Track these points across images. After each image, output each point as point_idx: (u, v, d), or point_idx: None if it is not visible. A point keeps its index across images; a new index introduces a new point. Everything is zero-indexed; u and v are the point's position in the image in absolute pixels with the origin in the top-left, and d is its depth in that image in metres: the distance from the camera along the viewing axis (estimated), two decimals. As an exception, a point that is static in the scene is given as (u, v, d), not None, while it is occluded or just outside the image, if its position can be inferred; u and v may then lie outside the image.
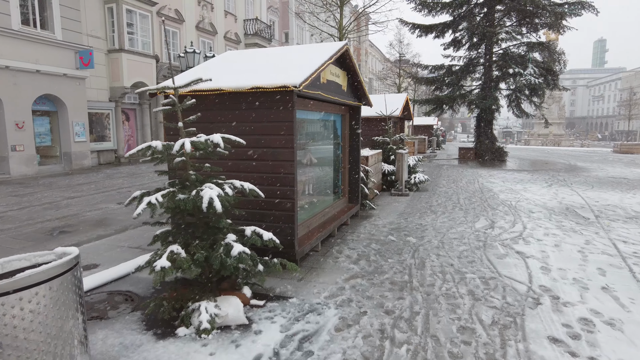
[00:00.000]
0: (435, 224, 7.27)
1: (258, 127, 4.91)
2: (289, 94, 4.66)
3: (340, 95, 6.55)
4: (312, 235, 5.68)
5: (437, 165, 19.24)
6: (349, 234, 6.64)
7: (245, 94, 4.85)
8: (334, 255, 5.58)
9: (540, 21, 20.72)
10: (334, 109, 7.08)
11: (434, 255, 5.51)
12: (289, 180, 4.84)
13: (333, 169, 7.87)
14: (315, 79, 5.40)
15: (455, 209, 8.70)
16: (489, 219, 7.70)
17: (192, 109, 5.23)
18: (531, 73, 18.51)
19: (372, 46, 60.18)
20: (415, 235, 6.55)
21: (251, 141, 4.96)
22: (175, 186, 3.96)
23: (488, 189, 11.55)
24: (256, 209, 5.05)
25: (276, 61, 5.80)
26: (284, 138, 4.79)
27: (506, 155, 22.27)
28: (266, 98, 4.80)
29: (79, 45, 16.60)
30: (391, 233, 6.67)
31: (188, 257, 3.67)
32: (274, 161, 4.89)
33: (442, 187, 11.88)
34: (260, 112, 4.87)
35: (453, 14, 22.15)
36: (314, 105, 6.01)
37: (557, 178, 14.26)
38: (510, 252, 5.63)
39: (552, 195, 10.43)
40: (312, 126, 7.22)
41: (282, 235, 4.95)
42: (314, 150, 7.31)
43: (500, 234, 6.57)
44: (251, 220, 5.08)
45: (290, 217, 4.90)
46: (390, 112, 12.10)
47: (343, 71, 6.68)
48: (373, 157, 9.80)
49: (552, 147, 46.04)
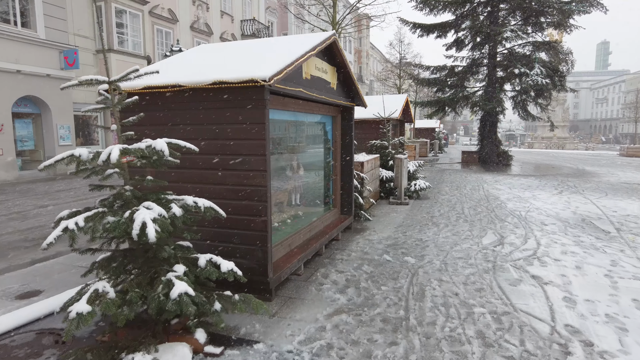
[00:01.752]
0: (437, 240, 6.44)
1: (224, 130, 4.10)
2: (259, 90, 3.85)
3: (328, 94, 5.74)
4: (292, 257, 4.85)
5: (439, 170, 18.39)
6: (339, 253, 5.82)
7: (208, 90, 4.04)
8: (318, 280, 4.75)
9: (547, 20, 19.89)
10: (323, 110, 6.27)
11: (435, 280, 4.68)
12: (260, 193, 4.02)
13: (323, 177, 7.06)
14: (295, 73, 4.59)
15: (459, 220, 7.86)
16: (498, 233, 6.85)
17: (149, 108, 4.44)
18: (538, 73, 17.65)
19: (373, 48, 59.46)
20: (414, 254, 5.71)
21: (216, 147, 4.16)
22: (108, 206, 3.15)
23: (494, 196, 10.71)
24: (222, 228, 4.23)
25: (253, 53, 4.99)
26: (255, 143, 3.97)
27: (511, 159, 21.41)
28: (232, 95, 3.99)
29: (64, 45, 15.86)
30: (387, 251, 5.84)
31: (119, 297, 2.85)
32: (242, 171, 4.07)
33: (444, 195, 11.04)
34: (226, 112, 4.06)
35: (455, 12, 21.33)
36: (296, 105, 5.20)
37: (567, 184, 13.40)
38: (524, 277, 4.79)
39: (564, 204, 9.58)
40: (297, 129, 6.42)
41: (253, 260, 4.13)
42: (300, 156, 6.51)
43: (512, 253, 5.73)
44: (217, 242, 4.27)
45: (262, 237, 4.08)
46: (389, 114, 11.29)
47: (332, 67, 5.88)
48: (369, 163, 8.99)
49: (557, 150, 45.13)
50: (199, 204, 3.40)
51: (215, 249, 4.28)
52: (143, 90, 4.25)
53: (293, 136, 6.54)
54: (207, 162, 4.22)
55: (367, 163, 8.78)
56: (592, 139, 78.33)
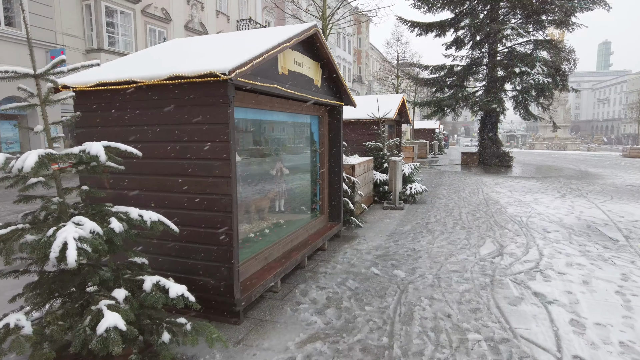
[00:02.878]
0: (431, 250, 5.94)
1: (184, 131, 3.62)
2: (221, 85, 3.37)
3: (311, 92, 5.26)
4: (268, 272, 4.37)
5: (438, 172, 17.90)
6: (323, 265, 5.33)
7: (165, 86, 3.56)
8: (295, 298, 4.26)
9: (548, 18, 19.40)
10: (307, 109, 5.80)
11: (426, 299, 4.18)
12: (224, 203, 3.54)
13: (310, 181, 6.58)
14: (268, 67, 4.11)
15: (456, 227, 7.36)
16: (497, 241, 6.36)
17: (104, 107, 3.97)
18: (539, 72, 17.14)
19: (372, 48, 59.01)
20: (405, 266, 5.22)
21: (177, 151, 3.68)
22: (32, 222, 2.67)
23: (494, 200, 10.21)
24: (184, 243, 3.74)
25: (226, 45, 4.51)
26: (217, 146, 3.49)
27: (512, 160, 20.88)
28: (193, 92, 3.51)
29: (51, 44, 15.42)
30: (375, 263, 5.34)
31: (36, 332, 2.37)
32: (204, 177, 3.59)
33: (442, 199, 10.54)
34: (186, 110, 3.58)
35: (454, 11, 20.85)
36: (273, 103, 4.72)
37: (570, 187, 12.90)
38: (526, 294, 4.29)
39: (567, 209, 9.08)
40: (279, 130, 5.94)
41: (217, 279, 3.65)
42: (284, 160, 6.04)
43: (512, 265, 5.23)
44: (178, 258, 3.79)
45: (227, 254, 3.59)
46: (384, 115, 10.80)
47: (315, 62, 5.39)
48: (361, 166, 8.50)
49: (558, 151, 44.61)
50: (144, 217, 2.93)
51: (177, 266, 3.81)
52: (95, 87, 3.78)
53: (275, 138, 6.07)
54: (167, 167, 3.74)
55: (359, 166, 8.29)
56: (594, 140, 77.69)
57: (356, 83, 51.33)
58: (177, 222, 3.73)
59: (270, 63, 4.15)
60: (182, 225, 3.71)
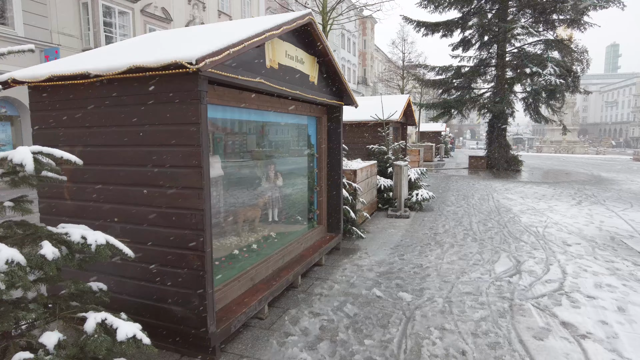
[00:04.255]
0: (440, 266, 5.33)
1: (149, 133, 3.05)
2: (190, 78, 2.80)
3: (307, 90, 4.68)
4: (253, 295, 3.78)
5: (444, 176, 17.25)
6: (319, 284, 4.73)
7: (126, 80, 3.00)
8: (284, 327, 3.67)
9: (559, 17, 18.74)
10: (303, 109, 5.22)
11: (436, 330, 3.58)
12: (194, 220, 2.96)
13: (307, 188, 6.00)
14: (251, 58, 3.54)
15: (466, 238, 6.74)
16: (513, 256, 5.74)
17: (60, 106, 3.41)
18: (551, 73, 16.47)
19: (377, 50, 58.44)
20: (412, 287, 4.61)
21: (141, 156, 3.11)
22: None
23: (506, 208, 9.56)
24: (151, 264, 3.17)
25: (206, 34, 3.94)
26: (186, 151, 2.92)
27: (521, 164, 20.19)
28: (158, 86, 2.94)
29: (45, 43, 14.97)
30: (378, 283, 4.74)
31: None
32: (172, 188, 3.02)
33: (450, 206, 9.92)
34: (151, 109, 3.01)
35: (462, 10, 20.24)
36: (260, 101, 4.14)
37: (585, 193, 12.22)
38: (552, 325, 3.68)
39: (586, 218, 8.43)
40: (270, 131, 5.38)
41: (188, 308, 3.07)
42: (278, 164, 5.48)
43: (532, 286, 4.61)
44: (144, 282, 3.22)
45: (199, 279, 3.01)
46: (388, 116, 10.21)
47: (311, 57, 4.82)
48: (364, 171, 7.91)
49: (567, 155, 43.78)
50: (89, 239, 2.37)
51: (144, 292, 3.24)
52: (47, 82, 3.22)
53: (267, 140, 5.50)
54: (132, 176, 3.17)
55: (362, 171, 7.69)
56: (602, 143, 76.50)
57: (361, 85, 50.77)
58: (143, 240, 3.19)
59: (255, 54, 3.58)
60: (149, 244, 3.16)
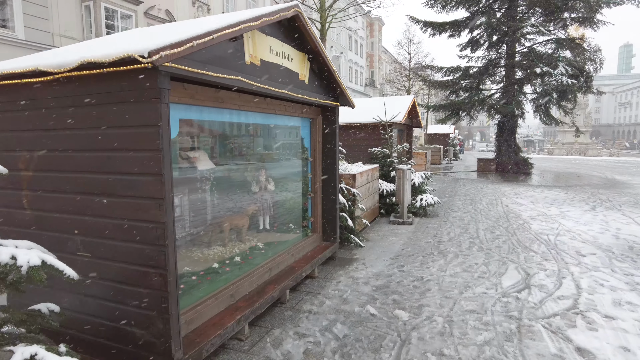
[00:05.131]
0: (442, 279, 4.93)
1: (107, 136, 2.72)
2: (149, 74, 2.47)
3: (296, 89, 4.32)
4: (231, 315, 3.43)
5: (452, 180, 16.77)
6: (309, 299, 4.36)
7: (81, 78, 2.68)
8: (265, 351, 3.31)
9: (570, 15, 18.17)
10: (294, 110, 4.87)
11: (433, 356, 3.18)
12: (155, 234, 2.62)
13: (301, 194, 5.65)
14: (228, 54, 3.19)
15: (472, 248, 6.32)
16: (522, 268, 5.31)
17: (11, 107, 3.10)
18: (563, 73, 15.92)
19: (385, 52, 58.03)
20: (410, 303, 4.22)
21: (98, 162, 2.78)
22: None
23: (515, 213, 9.11)
24: (110, 282, 2.84)
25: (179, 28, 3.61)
26: (145, 156, 2.58)
27: (531, 167, 19.61)
28: (114, 83, 2.61)
29: (46, 46, 14.83)
30: (373, 298, 4.36)
31: None
32: (131, 198, 2.68)
33: (456, 211, 9.48)
34: (108, 109, 2.68)
35: (470, 9, 19.77)
36: (242, 102, 3.80)
37: (599, 197, 11.68)
38: (566, 351, 3.26)
39: (601, 224, 7.94)
40: (259, 134, 5.05)
41: (152, 333, 2.73)
42: (269, 169, 5.14)
43: (543, 303, 4.19)
44: (105, 301, 2.88)
45: (161, 301, 2.66)
46: (391, 118, 9.82)
47: (300, 53, 4.46)
48: (364, 175, 7.53)
49: (579, 157, 42.89)
50: (19, 260, 2.03)
51: (105, 313, 2.90)
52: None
53: (256, 144, 5.17)
54: (89, 184, 2.84)
55: (361, 175, 7.32)
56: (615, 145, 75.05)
57: (368, 87, 50.39)
58: (103, 255, 2.86)
59: (231, 49, 3.24)
60: (109, 260, 2.83)
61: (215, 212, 4.80)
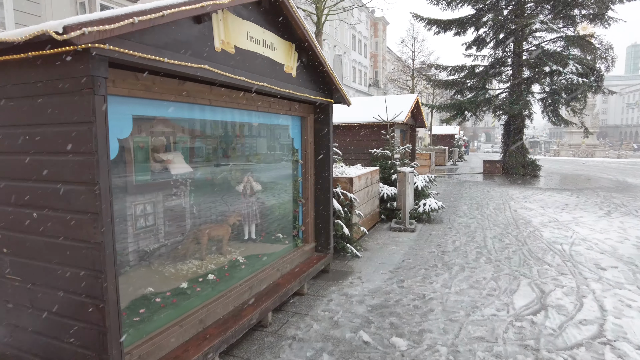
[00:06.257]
0: (446, 298, 4.39)
1: (35, 135, 2.22)
2: (80, 58, 1.97)
3: (280, 82, 3.81)
4: (198, 345, 2.92)
5: (457, 182, 16.20)
6: (295, 322, 3.84)
7: (5, 65, 2.18)
8: (235, 390, 2.80)
9: (581, 12, 17.56)
10: (281, 107, 4.36)
11: (436, 401, 2.66)
12: (90, 257, 2.12)
13: (291, 200, 5.14)
14: (192, 38, 2.67)
15: (480, 259, 5.78)
16: (535, 284, 4.77)
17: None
18: (572, 71, 15.31)
19: (390, 52, 57.42)
20: (410, 327, 3.69)
21: (27, 168, 2.28)
22: None
23: (525, 219, 8.54)
24: (44, 312, 2.34)
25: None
26: (78, 161, 2.08)
27: (539, 169, 18.99)
28: (42, 71, 2.11)
29: (39, 44, 14.43)
30: (368, 321, 3.83)
31: None
32: (63, 212, 2.18)
33: (462, 217, 8.93)
34: (39, 103, 2.18)
35: (476, 6, 19.21)
36: (212, 95, 3.28)
37: (612, 201, 11.08)
38: (596, 393, 2.72)
39: (618, 232, 7.37)
40: (241, 134, 4.56)
41: (86, 379, 2.22)
42: (253, 172, 4.66)
43: (563, 329, 3.65)
44: (38, 335, 2.39)
45: (99, 337, 2.16)
46: (393, 117, 9.28)
47: (287, 42, 3.95)
48: (363, 178, 7.00)
49: (586, 159, 42.15)
50: None
51: (41, 348, 2.40)
52: None
53: (238, 144, 4.68)
54: (19, 194, 2.34)
55: (359, 179, 6.79)
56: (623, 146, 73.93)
57: (372, 87, 49.81)
58: (35, 280, 2.36)
59: (195, 32, 2.73)
60: (42, 286, 2.34)
61: (193, 221, 4.31)
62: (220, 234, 4.32)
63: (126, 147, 3.39)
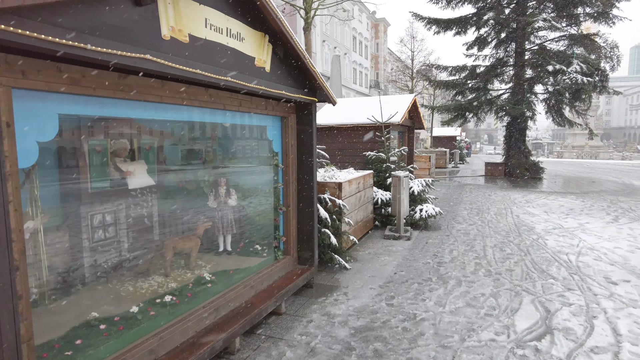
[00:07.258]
0: (440, 318, 3.94)
1: None
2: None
3: (250, 77, 3.37)
4: (143, 385, 2.47)
5: (458, 185, 15.74)
6: (266, 349, 3.40)
7: None
8: None
9: (584, 10, 17.09)
10: (255, 106, 3.92)
11: None
12: (-26, 293, 1.68)
13: (270, 208, 4.70)
14: (131, 22, 2.24)
15: (478, 271, 5.32)
16: (539, 301, 4.31)
17: None
18: (577, 70, 14.83)
19: (391, 54, 57.02)
20: (395, 356, 3.24)
21: None
22: None
23: (528, 226, 8.08)
24: None
25: None
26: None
27: (542, 171, 18.50)
28: None
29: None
30: (349, 348, 3.38)
31: None
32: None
33: (461, 223, 8.48)
34: None
35: (476, 5, 18.77)
36: (163, 91, 2.84)
37: (620, 206, 10.59)
38: None
39: (628, 240, 6.89)
40: (214, 134, 4.13)
41: None
42: (228, 177, 4.23)
43: (572, 359, 3.19)
44: None
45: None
46: (388, 118, 8.84)
47: (259, 33, 3.52)
48: (354, 183, 6.56)
49: (590, 160, 41.59)
50: None
51: None
52: None
53: (215, 148, 4.26)
54: None
55: (350, 183, 6.35)
56: (627, 148, 73.15)
57: (373, 89, 49.38)
58: None
59: (135, 16, 2.30)
60: None
61: (159, 232, 3.89)
62: (187, 247, 3.88)
63: (69, 150, 2.97)
